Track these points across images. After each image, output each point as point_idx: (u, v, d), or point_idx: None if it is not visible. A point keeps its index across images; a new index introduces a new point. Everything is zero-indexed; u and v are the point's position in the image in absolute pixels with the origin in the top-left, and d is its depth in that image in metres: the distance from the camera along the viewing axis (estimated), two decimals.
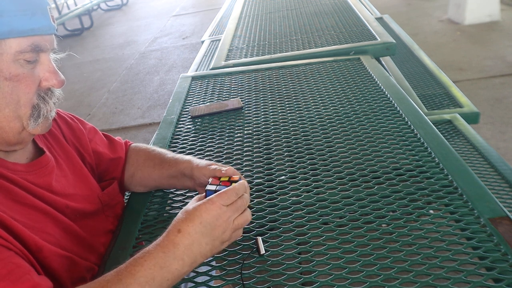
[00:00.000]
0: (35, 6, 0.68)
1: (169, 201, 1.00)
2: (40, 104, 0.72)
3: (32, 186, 0.74)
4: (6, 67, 0.66)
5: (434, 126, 1.10)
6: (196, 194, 0.89)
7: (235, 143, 1.18)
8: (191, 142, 1.23)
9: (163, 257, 0.64)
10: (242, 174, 1.02)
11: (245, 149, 1.15)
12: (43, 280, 0.64)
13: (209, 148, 1.18)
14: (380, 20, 3.09)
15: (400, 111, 1.20)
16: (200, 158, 1.13)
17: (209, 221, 0.67)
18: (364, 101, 1.29)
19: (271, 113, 1.32)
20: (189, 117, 1.40)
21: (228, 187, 0.72)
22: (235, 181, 0.76)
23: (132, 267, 0.62)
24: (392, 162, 0.98)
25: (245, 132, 1.24)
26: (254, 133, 1.22)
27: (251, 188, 0.98)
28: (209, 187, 0.75)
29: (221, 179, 0.78)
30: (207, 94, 1.56)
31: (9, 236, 0.64)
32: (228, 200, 0.70)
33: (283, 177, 1.00)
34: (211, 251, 0.69)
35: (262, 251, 0.78)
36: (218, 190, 0.73)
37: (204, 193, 0.75)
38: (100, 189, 0.93)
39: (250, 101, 1.43)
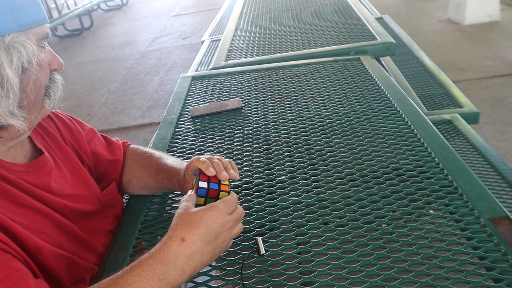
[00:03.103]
0: None
1: (169, 201, 1.00)
2: (50, 85, 0.76)
3: (30, 186, 0.74)
4: (34, 55, 0.70)
5: (434, 126, 1.10)
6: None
7: (235, 143, 1.18)
8: (191, 142, 1.23)
9: (162, 268, 0.62)
10: (242, 174, 1.03)
11: (245, 149, 1.15)
12: (40, 284, 0.64)
13: (209, 148, 1.18)
14: (380, 20, 3.09)
15: (400, 111, 1.20)
16: None
17: (214, 230, 0.67)
18: (364, 101, 1.29)
19: (271, 113, 1.32)
20: (189, 117, 1.40)
21: (230, 196, 0.72)
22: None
23: (129, 276, 0.61)
24: (392, 162, 0.98)
25: (245, 132, 1.24)
26: (254, 133, 1.22)
27: (251, 188, 0.98)
28: (201, 184, 0.74)
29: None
30: (207, 94, 1.56)
31: (7, 238, 0.64)
32: (231, 208, 0.70)
33: (283, 177, 1.00)
34: (210, 260, 0.68)
35: (262, 251, 0.78)
36: (212, 189, 0.73)
37: (192, 191, 0.74)
38: (100, 189, 0.93)
39: (250, 101, 1.43)
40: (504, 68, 3.48)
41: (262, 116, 1.31)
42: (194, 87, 1.66)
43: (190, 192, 0.75)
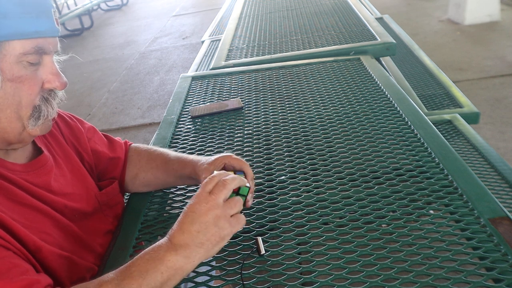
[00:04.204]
0: (40, 9, 0.68)
1: (169, 201, 1.00)
2: (41, 106, 0.72)
3: (31, 186, 0.74)
4: (9, 69, 0.67)
5: (434, 126, 1.10)
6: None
7: (235, 143, 1.18)
8: (191, 142, 1.23)
9: (156, 250, 0.64)
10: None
11: (245, 149, 1.15)
12: (42, 276, 0.64)
13: (209, 148, 1.18)
14: (380, 20, 3.09)
15: (400, 111, 1.20)
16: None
17: (194, 209, 0.65)
18: (364, 101, 1.29)
19: (271, 113, 1.32)
20: (189, 117, 1.40)
21: (212, 175, 0.70)
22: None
23: (127, 267, 0.63)
24: (392, 162, 0.98)
25: (245, 132, 1.24)
26: (254, 133, 1.22)
27: None
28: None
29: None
30: (207, 94, 1.56)
31: (8, 236, 0.64)
32: (211, 186, 0.67)
33: (283, 177, 1.00)
34: (207, 238, 0.64)
35: (262, 251, 0.78)
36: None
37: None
38: (98, 188, 0.93)
39: (250, 101, 1.43)
40: (504, 68, 3.48)
41: (262, 116, 1.31)
42: (194, 87, 1.66)
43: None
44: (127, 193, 1.09)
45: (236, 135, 1.23)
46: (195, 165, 0.90)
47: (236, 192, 0.73)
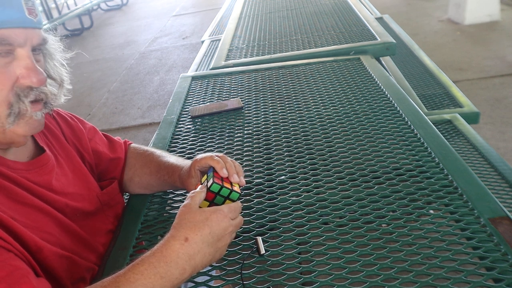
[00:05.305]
0: None
1: (169, 201, 1.00)
2: (19, 103, 0.68)
3: (32, 185, 0.74)
4: None
5: (434, 126, 1.10)
6: None
7: (235, 143, 1.18)
8: (191, 142, 1.23)
9: (164, 267, 0.62)
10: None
11: (245, 149, 1.15)
12: (42, 282, 0.64)
13: (209, 148, 1.18)
14: (380, 20, 3.09)
15: (400, 111, 1.20)
16: None
17: (218, 233, 0.67)
18: (364, 101, 1.29)
19: (271, 113, 1.32)
20: (189, 117, 1.40)
21: (236, 203, 0.74)
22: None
23: (131, 274, 0.61)
24: (392, 162, 0.98)
25: (245, 132, 1.24)
26: (254, 133, 1.22)
27: (251, 188, 0.98)
28: (216, 180, 0.75)
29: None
30: (207, 94, 1.56)
31: (9, 237, 0.64)
32: (235, 214, 0.72)
33: (283, 177, 1.00)
34: (210, 262, 0.68)
35: (262, 251, 0.78)
36: (225, 187, 0.74)
37: (202, 187, 0.74)
38: (99, 188, 0.93)
39: (250, 101, 1.43)
40: (504, 68, 3.48)
41: (262, 116, 1.31)
42: (194, 87, 1.66)
43: (199, 187, 0.74)
44: (127, 193, 1.09)
45: (236, 135, 1.23)
46: (181, 177, 0.89)
47: (226, 197, 0.74)
